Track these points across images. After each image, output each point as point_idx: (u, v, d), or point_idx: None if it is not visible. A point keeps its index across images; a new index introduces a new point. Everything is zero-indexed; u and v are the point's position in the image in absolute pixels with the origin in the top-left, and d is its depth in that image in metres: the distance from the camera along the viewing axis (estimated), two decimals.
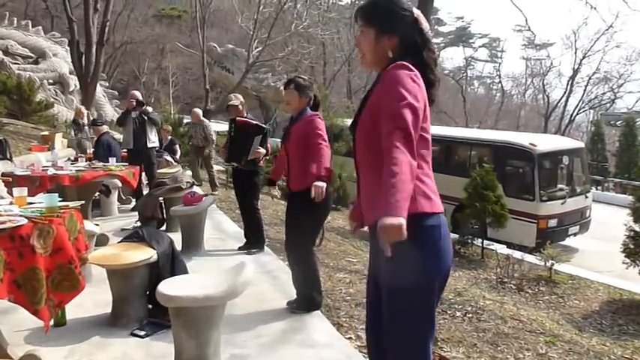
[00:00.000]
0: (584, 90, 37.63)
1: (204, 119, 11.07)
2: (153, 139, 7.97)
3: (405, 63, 1.93)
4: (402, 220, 1.64)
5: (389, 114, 1.84)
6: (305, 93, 4.02)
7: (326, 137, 3.98)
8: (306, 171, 3.87)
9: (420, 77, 1.93)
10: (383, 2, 2.06)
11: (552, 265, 7.70)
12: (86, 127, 11.15)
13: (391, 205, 1.66)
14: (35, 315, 2.82)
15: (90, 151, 9.04)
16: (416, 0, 7.82)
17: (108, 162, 6.83)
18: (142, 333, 3.47)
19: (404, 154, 1.74)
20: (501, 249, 8.87)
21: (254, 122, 5.62)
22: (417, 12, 2.04)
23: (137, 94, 8.09)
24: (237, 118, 5.61)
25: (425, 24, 2.05)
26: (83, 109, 12.24)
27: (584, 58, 36.17)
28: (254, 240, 5.72)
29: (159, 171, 8.39)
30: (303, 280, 3.96)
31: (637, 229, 7.30)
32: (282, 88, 4.22)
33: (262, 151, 5.45)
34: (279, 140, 4.68)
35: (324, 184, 3.67)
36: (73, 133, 11.73)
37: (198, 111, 11.13)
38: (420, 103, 1.88)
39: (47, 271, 2.85)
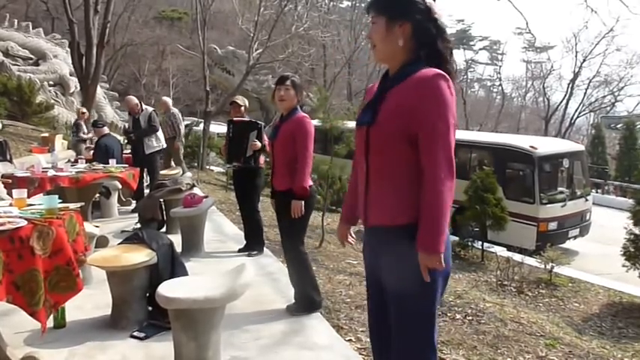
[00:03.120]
0: (585, 93, 37.76)
1: (174, 108, 10.60)
2: (154, 145, 7.99)
3: (441, 72, 1.87)
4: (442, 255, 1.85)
5: (436, 138, 1.85)
6: (300, 92, 4.01)
7: (312, 144, 3.93)
8: (290, 172, 3.89)
9: (452, 84, 1.89)
10: None
11: (552, 267, 7.69)
12: (84, 128, 11.09)
13: (439, 245, 1.84)
14: (33, 317, 2.81)
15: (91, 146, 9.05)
16: None
17: (107, 164, 6.84)
18: (142, 335, 3.47)
19: (449, 188, 1.85)
20: (501, 251, 8.86)
21: (248, 119, 5.68)
22: (429, 0, 1.96)
23: (132, 99, 8.11)
24: (235, 119, 5.68)
25: (439, 13, 1.97)
26: (83, 109, 12.25)
27: (584, 61, 36.32)
28: (254, 242, 5.72)
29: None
30: (299, 278, 3.98)
31: (637, 232, 7.29)
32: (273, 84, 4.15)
33: (258, 144, 5.45)
34: None
35: (302, 203, 3.83)
36: (71, 135, 11.70)
37: (167, 99, 10.79)
38: (455, 118, 1.90)
39: (45, 272, 2.85)
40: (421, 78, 1.88)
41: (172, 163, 10.36)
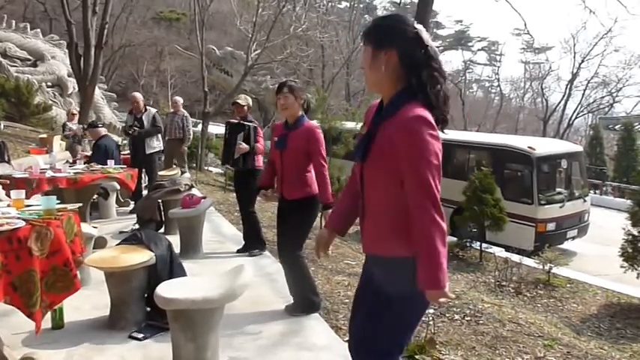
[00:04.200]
0: (583, 94, 37.75)
1: (184, 110, 10.56)
2: (154, 145, 7.98)
3: (420, 115, 1.86)
4: (446, 289, 1.89)
5: (418, 183, 1.86)
6: (299, 95, 4.02)
7: (325, 153, 4.00)
8: (301, 181, 3.93)
9: (434, 125, 1.88)
10: (381, 19, 2.04)
11: (550, 268, 7.69)
12: (74, 128, 11.07)
13: (439, 281, 1.86)
14: (30, 317, 2.82)
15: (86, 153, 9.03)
16: (415, 3, 7.84)
17: (106, 164, 6.83)
18: (140, 336, 3.47)
19: (439, 227, 1.86)
20: (500, 252, 8.86)
21: (236, 121, 5.68)
22: (419, 27, 1.96)
23: (138, 95, 8.13)
24: (230, 120, 5.72)
25: (428, 40, 1.95)
26: (73, 110, 12.24)
27: (582, 62, 36.32)
28: (254, 242, 5.74)
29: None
30: (298, 282, 3.99)
31: (635, 232, 7.29)
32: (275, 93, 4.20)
33: (244, 146, 5.45)
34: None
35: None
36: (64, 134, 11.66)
37: (179, 99, 10.71)
38: (440, 159, 1.89)
39: (42, 273, 2.85)
40: (402, 120, 1.88)
41: (174, 164, 10.34)
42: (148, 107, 8.21)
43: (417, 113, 1.86)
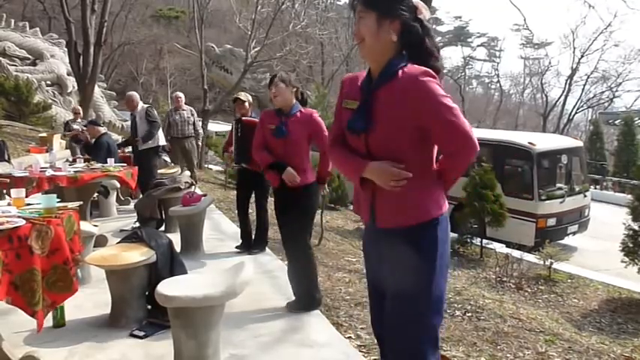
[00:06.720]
0: (583, 89, 37.66)
1: (189, 106, 10.40)
2: (148, 142, 7.94)
3: (425, 69, 1.87)
4: None
5: (452, 130, 1.91)
6: (290, 83, 4.00)
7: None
8: (304, 167, 3.92)
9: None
10: None
11: (551, 263, 7.70)
12: (72, 125, 11.06)
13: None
14: (33, 316, 2.81)
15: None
16: None
17: (106, 163, 6.82)
18: (141, 334, 3.46)
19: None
20: (500, 248, 8.87)
21: (258, 119, 5.58)
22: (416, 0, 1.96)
23: (128, 95, 8.08)
24: (244, 118, 5.61)
25: (425, 13, 1.96)
26: (78, 108, 12.24)
27: (582, 57, 36.19)
28: (258, 240, 5.72)
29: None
30: (302, 277, 3.96)
31: (635, 227, 7.30)
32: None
33: None
34: None
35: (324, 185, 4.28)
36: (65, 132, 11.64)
37: (181, 95, 10.50)
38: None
39: (43, 272, 2.85)
40: (410, 76, 1.87)
41: (189, 160, 10.30)
42: (139, 104, 8.12)
43: (422, 69, 1.88)
